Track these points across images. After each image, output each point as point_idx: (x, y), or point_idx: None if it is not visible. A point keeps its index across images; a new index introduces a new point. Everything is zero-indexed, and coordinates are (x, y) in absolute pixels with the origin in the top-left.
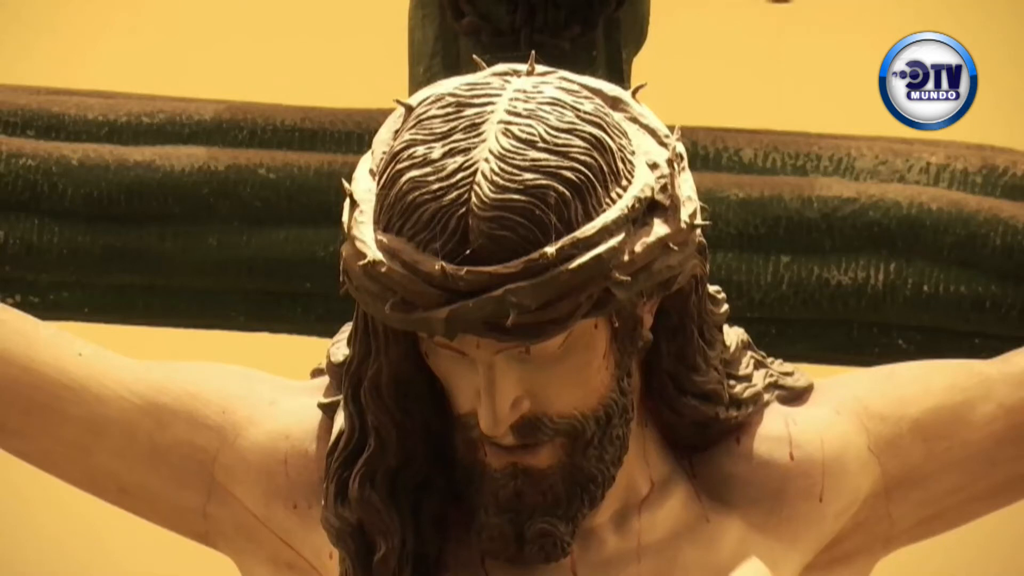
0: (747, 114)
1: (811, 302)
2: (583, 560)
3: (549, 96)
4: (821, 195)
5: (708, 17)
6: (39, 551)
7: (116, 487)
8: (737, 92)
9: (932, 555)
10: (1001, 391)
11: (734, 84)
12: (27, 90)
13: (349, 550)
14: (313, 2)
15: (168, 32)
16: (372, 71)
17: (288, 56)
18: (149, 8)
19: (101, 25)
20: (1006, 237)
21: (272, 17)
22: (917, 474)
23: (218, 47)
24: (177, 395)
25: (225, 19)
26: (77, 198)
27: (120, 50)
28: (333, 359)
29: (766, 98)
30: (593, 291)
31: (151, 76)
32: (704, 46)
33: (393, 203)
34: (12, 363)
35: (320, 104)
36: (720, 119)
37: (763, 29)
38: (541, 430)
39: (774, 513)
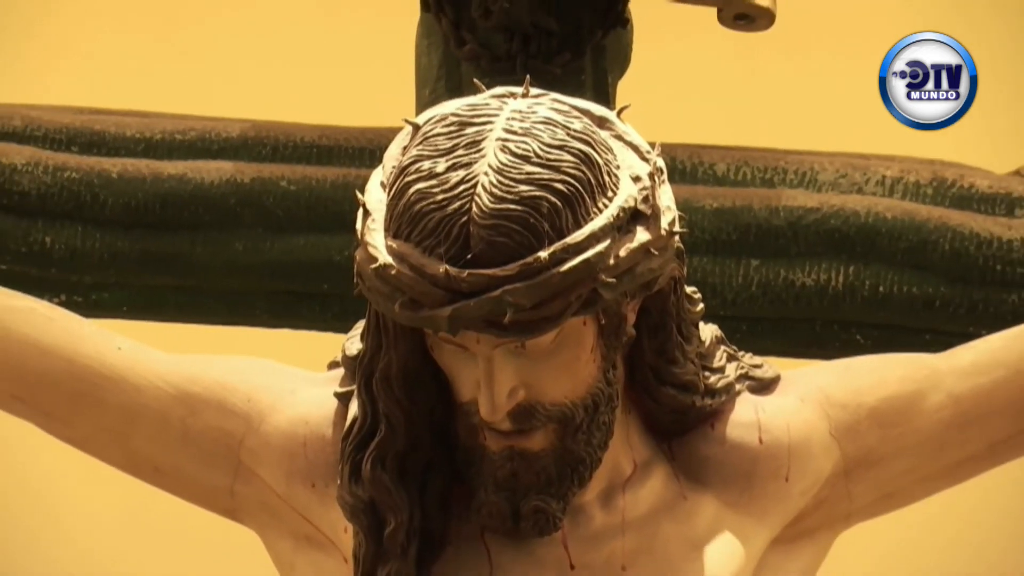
0: (720, 132)
1: (778, 302)
2: (573, 534)
3: (542, 116)
4: (787, 205)
5: (685, 45)
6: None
7: (152, 468)
8: (710, 112)
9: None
10: (949, 382)
11: (708, 105)
12: (71, 110)
13: (362, 525)
14: (330, 32)
15: (199, 58)
16: (383, 93)
17: (307, 80)
18: (183, 39)
19: (140, 52)
20: (954, 243)
21: (293, 45)
22: (873, 456)
23: (244, 72)
24: (207, 385)
25: (251, 47)
26: (116, 207)
27: (156, 74)
28: (348, 353)
29: (737, 117)
30: (582, 292)
31: (184, 97)
32: (681, 71)
33: (402, 212)
34: (59, 356)
35: (336, 123)
36: (695, 136)
37: (733, 55)
38: (535, 417)
39: (745, 492)
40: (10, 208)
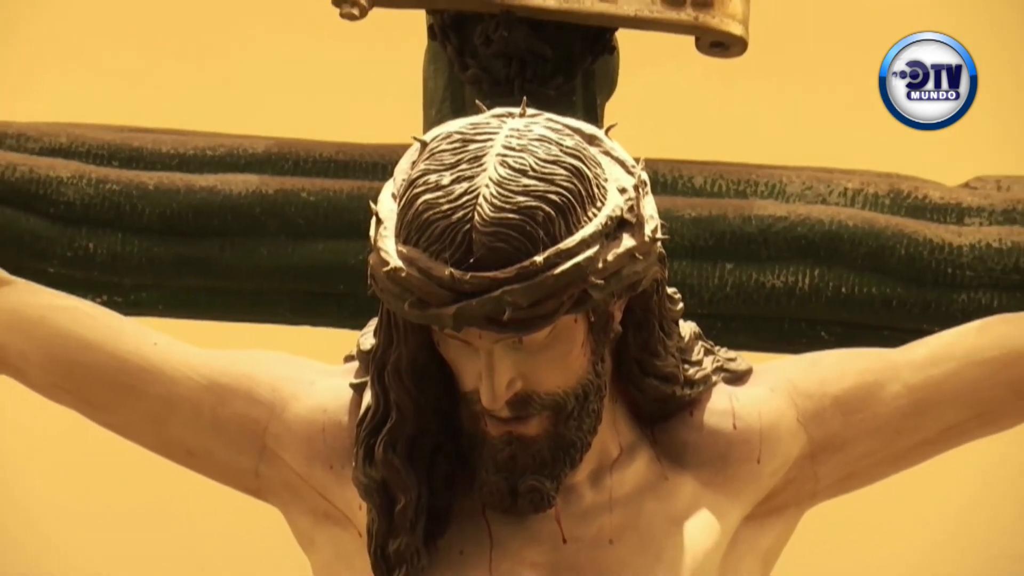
0: (697, 148)
1: (750, 302)
2: (565, 511)
3: (538, 134)
4: (758, 214)
5: (666, 70)
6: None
7: (185, 451)
8: (689, 130)
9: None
10: (905, 374)
11: (687, 124)
12: (112, 128)
13: (375, 503)
14: (346, 59)
15: (229, 83)
16: (393, 113)
17: (325, 101)
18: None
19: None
20: (909, 249)
21: (313, 71)
22: (837, 441)
23: (269, 94)
24: (235, 377)
25: (276, 73)
26: (153, 216)
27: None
28: (362, 347)
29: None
30: (573, 292)
31: (214, 117)
32: (663, 93)
33: (411, 220)
34: (101, 350)
35: (351, 140)
36: (675, 152)
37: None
38: (531, 405)
39: (720, 472)
40: (57, 217)
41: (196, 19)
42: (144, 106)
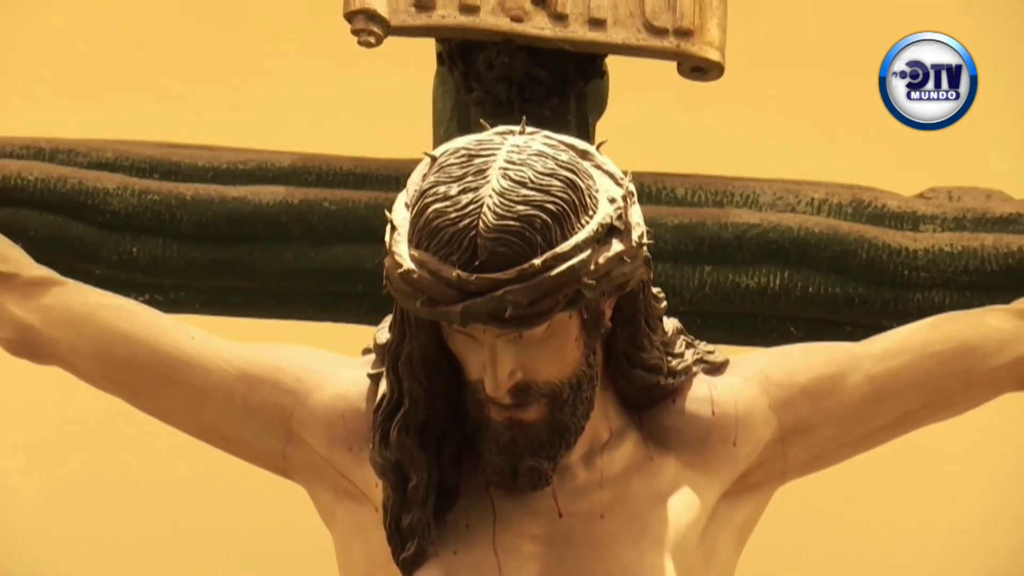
0: (679, 162)
1: (726, 300)
2: (561, 489)
3: (536, 149)
4: (734, 221)
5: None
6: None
7: (220, 436)
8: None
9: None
10: (866, 365)
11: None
12: (153, 144)
13: (390, 481)
14: (363, 82)
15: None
16: (406, 131)
17: (345, 120)
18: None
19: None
20: (870, 252)
21: (334, 92)
22: (805, 426)
23: (295, 114)
24: (264, 367)
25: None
26: (190, 224)
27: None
28: (378, 341)
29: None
30: (568, 292)
31: (244, 134)
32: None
33: (422, 227)
34: (143, 344)
35: (368, 155)
36: (659, 166)
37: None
38: (530, 393)
39: (700, 454)
40: (103, 224)
41: (229, 48)
42: (182, 124)
